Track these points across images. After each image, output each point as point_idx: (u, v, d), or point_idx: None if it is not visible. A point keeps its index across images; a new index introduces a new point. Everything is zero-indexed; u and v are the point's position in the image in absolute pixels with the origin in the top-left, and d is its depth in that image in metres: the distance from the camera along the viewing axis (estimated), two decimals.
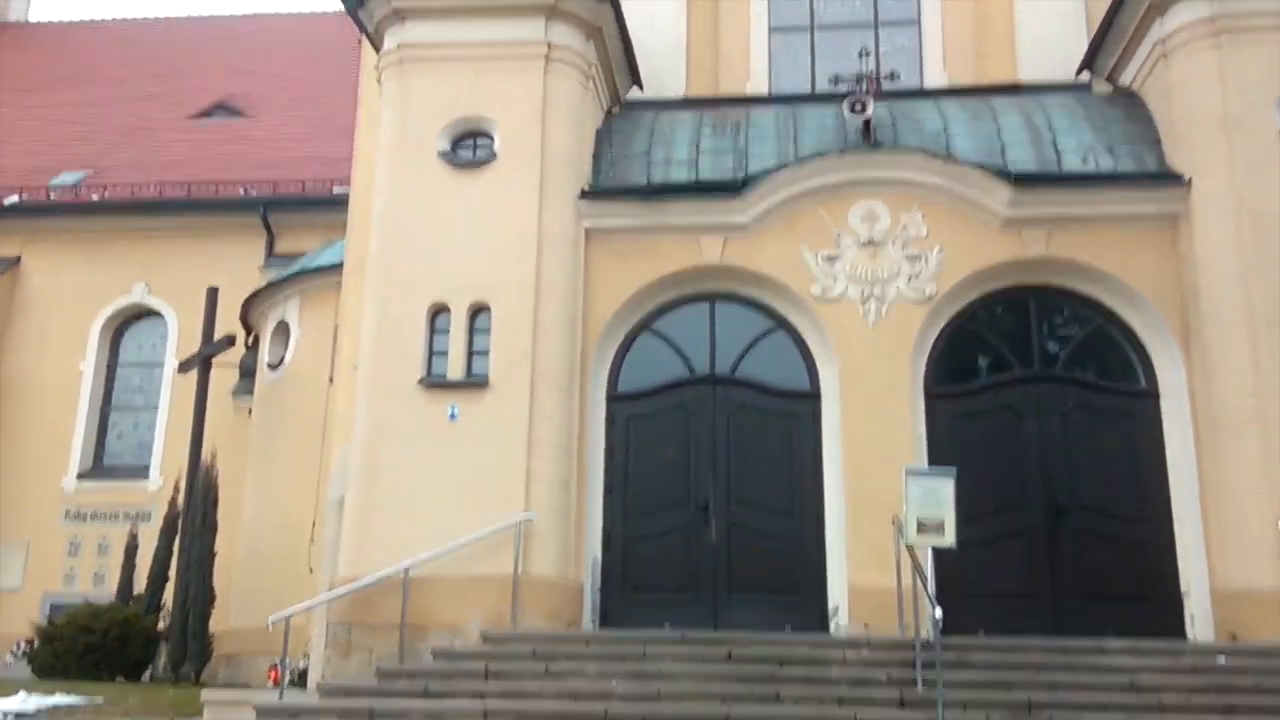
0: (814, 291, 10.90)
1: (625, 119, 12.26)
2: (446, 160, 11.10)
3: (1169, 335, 10.63)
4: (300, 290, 14.68)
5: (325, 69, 21.36)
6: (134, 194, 18.48)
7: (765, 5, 13.58)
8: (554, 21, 11.25)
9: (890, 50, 13.39)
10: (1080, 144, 11.24)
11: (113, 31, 25.48)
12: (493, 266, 10.74)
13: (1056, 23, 12.67)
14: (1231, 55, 10.53)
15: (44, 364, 17.90)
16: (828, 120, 11.69)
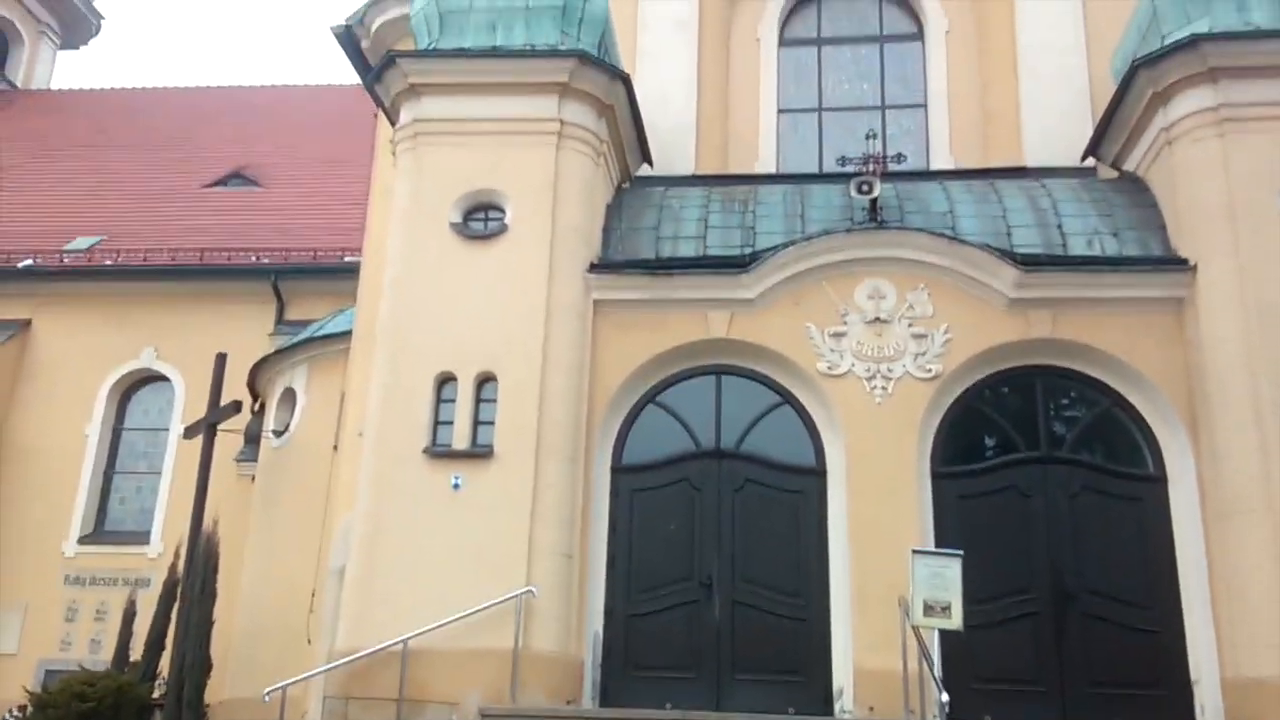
0: (820, 367, 10.93)
1: (635, 194, 12.42)
2: (458, 231, 11.22)
3: (1176, 420, 10.60)
4: (308, 357, 14.74)
5: (340, 140, 21.73)
6: (146, 259, 18.68)
7: (774, 87, 13.84)
8: (567, 100, 11.45)
9: (897, 133, 13.61)
10: (1086, 228, 11.33)
11: (132, 99, 25.96)
12: (501, 337, 10.79)
13: (1061, 108, 12.86)
14: (1235, 144, 10.64)
15: (50, 427, 17.94)
16: (834, 199, 11.83)
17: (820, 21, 14.32)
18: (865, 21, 14.30)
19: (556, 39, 11.59)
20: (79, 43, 30.63)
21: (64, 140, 23.82)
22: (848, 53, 14.19)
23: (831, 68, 14.10)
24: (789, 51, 14.15)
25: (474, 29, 11.76)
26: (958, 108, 13.46)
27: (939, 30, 13.84)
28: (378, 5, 14.28)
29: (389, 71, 11.71)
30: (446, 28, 11.83)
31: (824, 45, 14.22)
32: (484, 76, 11.50)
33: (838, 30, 14.28)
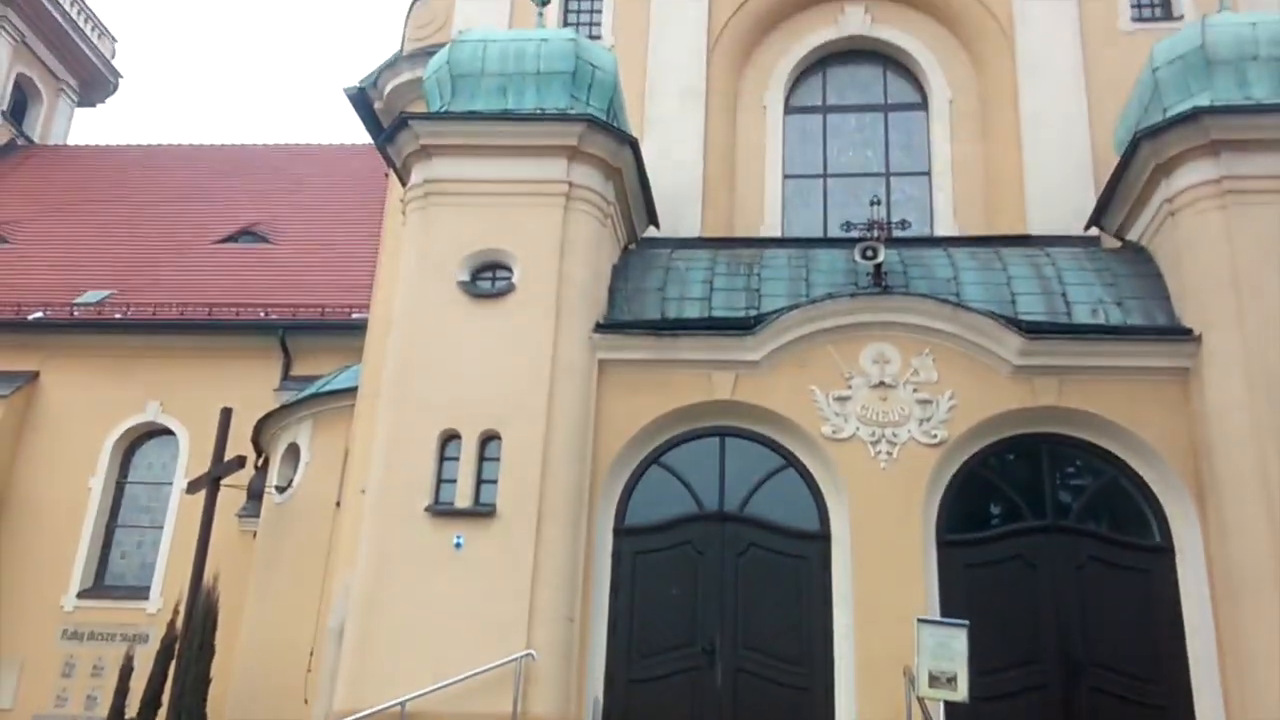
0: (825, 431, 10.91)
1: (641, 255, 12.51)
2: (466, 290, 11.29)
3: (1183, 491, 10.53)
4: (313, 414, 14.75)
5: (351, 199, 21.98)
6: (155, 314, 18.79)
7: (780, 153, 14.02)
8: (576, 162, 11.58)
9: (901, 199, 13.76)
10: (1090, 297, 11.37)
11: (147, 156, 26.28)
12: (506, 395, 10.80)
13: (1064, 178, 13.00)
14: (1238, 216, 10.69)
15: (54, 479, 17.92)
16: (839, 264, 11.90)
17: (825, 90, 14.56)
18: (869, 91, 14.53)
19: (566, 103, 11.76)
20: (97, 100, 31.10)
21: (79, 195, 24.10)
22: (852, 120, 14.40)
23: (836, 135, 14.30)
24: (795, 119, 14.35)
25: (486, 93, 11.94)
26: (961, 176, 13.61)
27: (942, 100, 14.04)
28: (392, 68, 14.54)
29: (401, 133, 11.87)
30: (459, 91, 12.02)
31: (829, 113, 14.44)
32: (495, 139, 11.65)
33: (843, 99, 14.51)
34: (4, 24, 26.87)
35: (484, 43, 12.20)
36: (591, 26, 14.58)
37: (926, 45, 14.28)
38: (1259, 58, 11.23)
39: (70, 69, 29.46)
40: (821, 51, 14.52)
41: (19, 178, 25.28)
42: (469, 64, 12.04)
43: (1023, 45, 13.76)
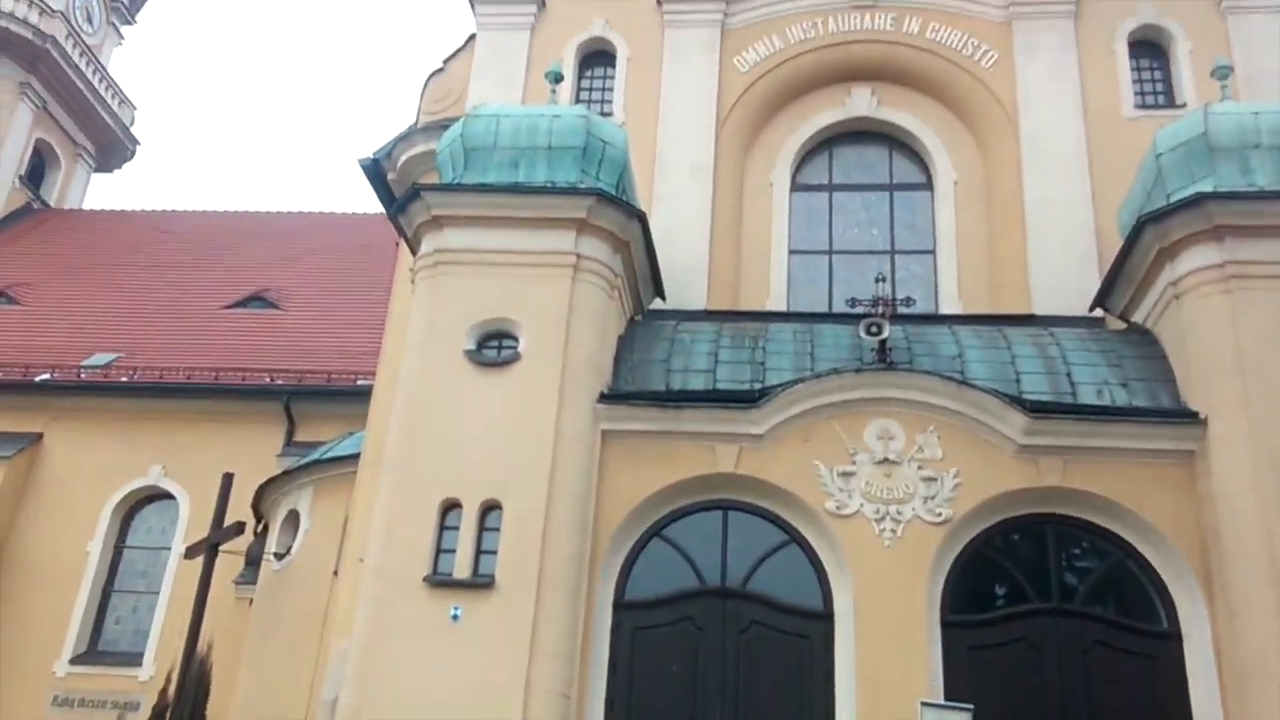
0: (829, 507, 10.83)
1: (647, 327, 12.57)
2: (471, 359, 11.32)
3: (1190, 576, 10.40)
4: (314, 480, 14.71)
5: (360, 267, 22.22)
6: (162, 377, 18.88)
7: (786, 229, 14.18)
8: (584, 235, 11.69)
9: (906, 277, 13.87)
10: (1095, 377, 11.37)
11: (160, 221, 26.65)
12: (508, 465, 10.76)
13: (1068, 259, 13.10)
14: (1243, 300, 10.73)
15: (53, 542, 17.84)
16: (844, 339, 11.94)
17: (831, 169, 14.78)
18: (875, 170, 14.74)
19: (577, 177, 11.92)
20: (114, 166, 31.62)
21: (92, 259, 24.38)
22: (858, 199, 14.59)
23: (842, 212, 14.48)
24: (801, 196, 14.54)
25: (497, 166, 12.12)
26: (966, 255, 13.72)
27: (947, 181, 14.22)
28: (406, 140, 14.79)
29: (414, 203, 12.01)
30: (471, 163, 12.20)
31: (835, 191, 14.63)
32: (505, 210, 11.78)
33: (848, 177, 14.72)
34: (27, 91, 27.43)
35: (498, 117, 12.42)
36: (603, 104, 14.87)
37: (932, 127, 14.52)
38: (1261, 146, 11.36)
39: (89, 135, 30.00)
40: (828, 132, 14.77)
41: (33, 241, 25.61)
42: (482, 137, 12.24)
43: (1027, 129, 13.97)
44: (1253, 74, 13.87)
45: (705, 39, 14.91)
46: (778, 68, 14.76)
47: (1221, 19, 14.40)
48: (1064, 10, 14.60)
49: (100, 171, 31.22)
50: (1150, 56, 14.63)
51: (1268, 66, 13.94)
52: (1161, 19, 14.55)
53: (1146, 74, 14.54)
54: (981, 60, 14.51)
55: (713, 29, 14.97)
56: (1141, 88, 14.43)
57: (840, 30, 14.86)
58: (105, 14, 30.69)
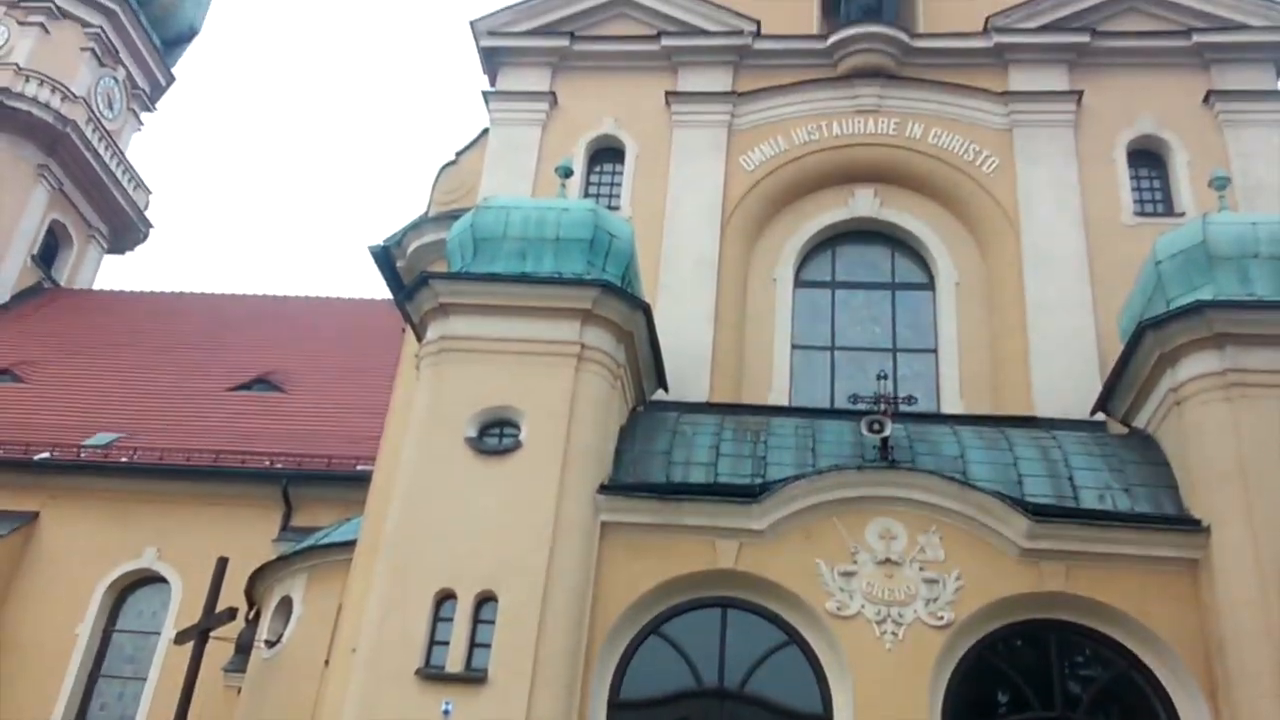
0: (829, 607, 10.68)
1: (649, 418, 12.57)
2: (473, 446, 11.30)
3: (1194, 687, 10.18)
4: (309, 566, 14.53)
5: (364, 352, 22.30)
6: (162, 458, 18.82)
7: (789, 324, 14.28)
8: (589, 325, 11.78)
9: (908, 375, 13.91)
10: (1097, 482, 11.31)
11: (168, 303, 26.86)
12: (505, 555, 10.65)
13: (1070, 362, 13.16)
14: (1244, 408, 10.73)
15: (42, 623, 17.57)
16: (846, 436, 11.92)
17: (834, 266, 14.95)
18: (878, 269, 14.91)
19: (583, 268, 12.06)
20: (126, 248, 31.99)
21: (98, 339, 24.51)
22: (860, 296, 14.73)
23: (845, 309, 14.61)
24: (804, 292, 14.68)
25: (506, 256, 12.28)
26: (968, 355, 13.79)
27: (949, 281, 14.37)
28: (416, 230, 15.02)
29: (422, 290, 12.13)
30: (480, 253, 12.36)
31: (838, 288, 14.77)
32: (512, 299, 11.89)
33: (851, 275, 14.87)
34: (45, 173, 27.91)
35: (508, 209, 12.63)
36: (611, 198, 15.13)
37: (934, 229, 14.73)
38: (1260, 256, 11.49)
39: (104, 217, 30.43)
40: (831, 231, 14.98)
41: (40, 319, 25.79)
42: (492, 228, 12.42)
43: (1028, 233, 14.16)
44: (1250, 185, 14.12)
45: (712, 138, 15.25)
46: (783, 167, 15.05)
47: (1218, 131, 14.70)
48: (1064, 120, 14.93)
49: (112, 253, 31.57)
50: (1149, 166, 14.92)
51: (1265, 179, 14.19)
52: (1160, 130, 14.87)
53: (1145, 183, 14.81)
54: (983, 165, 14.79)
55: (720, 129, 15.31)
56: (1140, 196, 14.68)
57: (844, 133, 15.18)
58: (126, 100, 31.40)
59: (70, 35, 29.11)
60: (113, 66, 30.49)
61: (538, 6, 16.24)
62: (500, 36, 16.16)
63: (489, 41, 16.17)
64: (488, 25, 16.18)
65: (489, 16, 16.18)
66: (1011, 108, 15.07)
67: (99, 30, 29.58)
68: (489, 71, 16.36)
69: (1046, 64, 15.35)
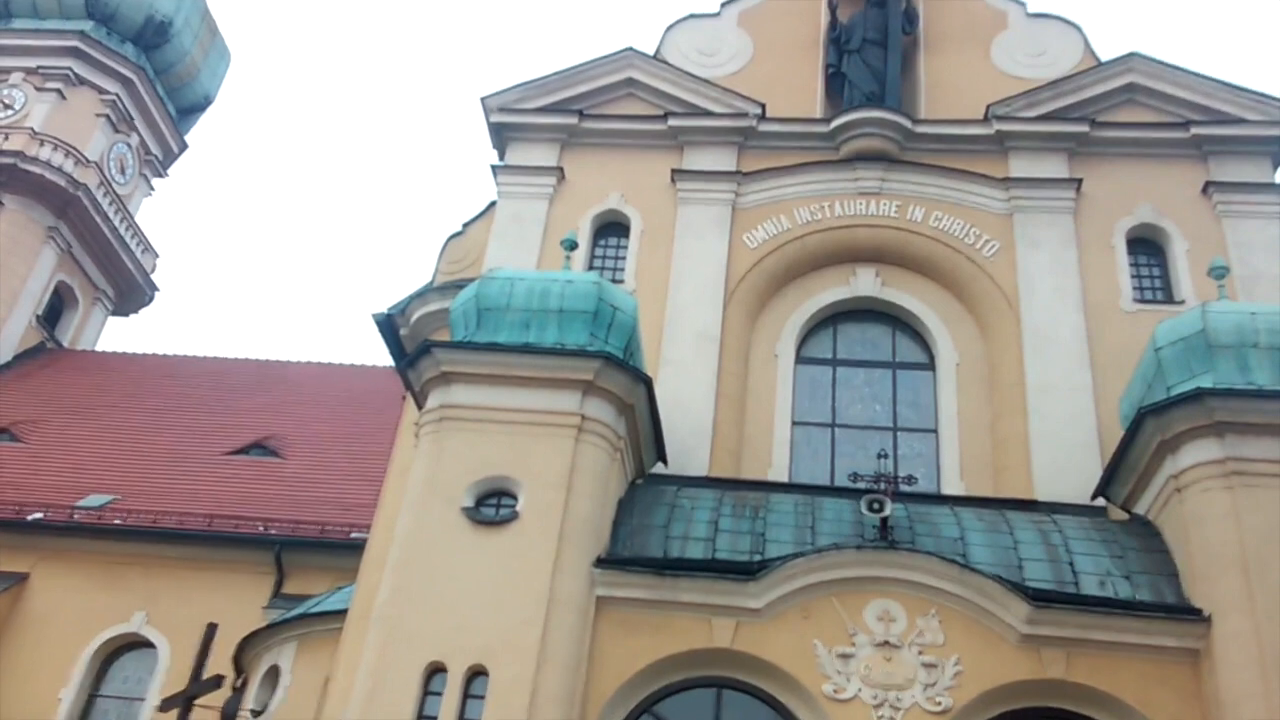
0: (826, 690, 10.50)
1: (648, 491, 12.51)
2: (469, 516, 11.23)
3: None
4: (299, 635, 14.32)
5: (363, 419, 22.26)
6: (155, 521, 18.65)
7: (790, 400, 14.30)
8: (590, 396, 11.79)
9: (909, 454, 13.89)
10: (1098, 568, 11.22)
11: (169, 365, 26.85)
12: (498, 628, 10.52)
13: (1070, 446, 13.15)
14: (1245, 497, 10.69)
15: (26, 688, 17.24)
16: (845, 514, 11.85)
17: (836, 344, 15.03)
18: (879, 347, 14.98)
19: (585, 340, 12.12)
20: (130, 311, 32.11)
21: (97, 400, 24.47)
22: (861, 374, 14.77)
23: (845, 387, 14.63)
24: (805, 369, 14.72)
25: (509, 326, 12.34)
26: (968, 436, 13.79)
27: (949, 362, 14.42)
28: (421, 298, 15.11)
29: (424, 359, 12.17)
30: (484, 323, 12.42)
31: (839, 366, 14.82)
32: (514, 369, 11.92)
33: (852, 353, 14.94)
34: (54, 235, 28.15)
35: (512, 280, 12.74)
36: (615, 271, 15.26)
37: (934, 310, 14.84)
38: (1259, 345, 11.54)
39: (110, 280, 30.59)
40: (833, 309, 15.09)
41: (41, 379, 25.78)
42: (496, 298, 12.51)
43: (1028, 317, 14.25)
44: (1248, 275, 14.24)
45: (716, 216, 15.43)
46: (785, 245, 15.21)
47: (1217, 221, 14.89)
48: (1063, 206, 15.13)
49: (117, 315, 31.68)
50: (1148, 253, 15.07)
51: (1263, 269, 14.33)
52: (1159, 219, 15.05)
53: (1145, 270, 14.95)
54: (983, 249, 14.94)
55: (724, 207, 15.51)
56: (1140, 283, 14.80)
57: (846, 214, 15.37)
58: (138, 166, 31.81)
59: (86, 101, 29.60)
60: (127, 133, 30.95)
61: (548, 85, 16.57)
62: (510, 113, 16.46)
63: (499, 117, 16.46)
64: (498, 101, 16.48)
65: (500, 93, 16.49)
66: (1012, 193, 15.28)
67: (115, 97, 30.08)
68: (498, 146, 16.63)
69: (1046, 151, 15.61)
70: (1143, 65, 15.96)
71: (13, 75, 29.28)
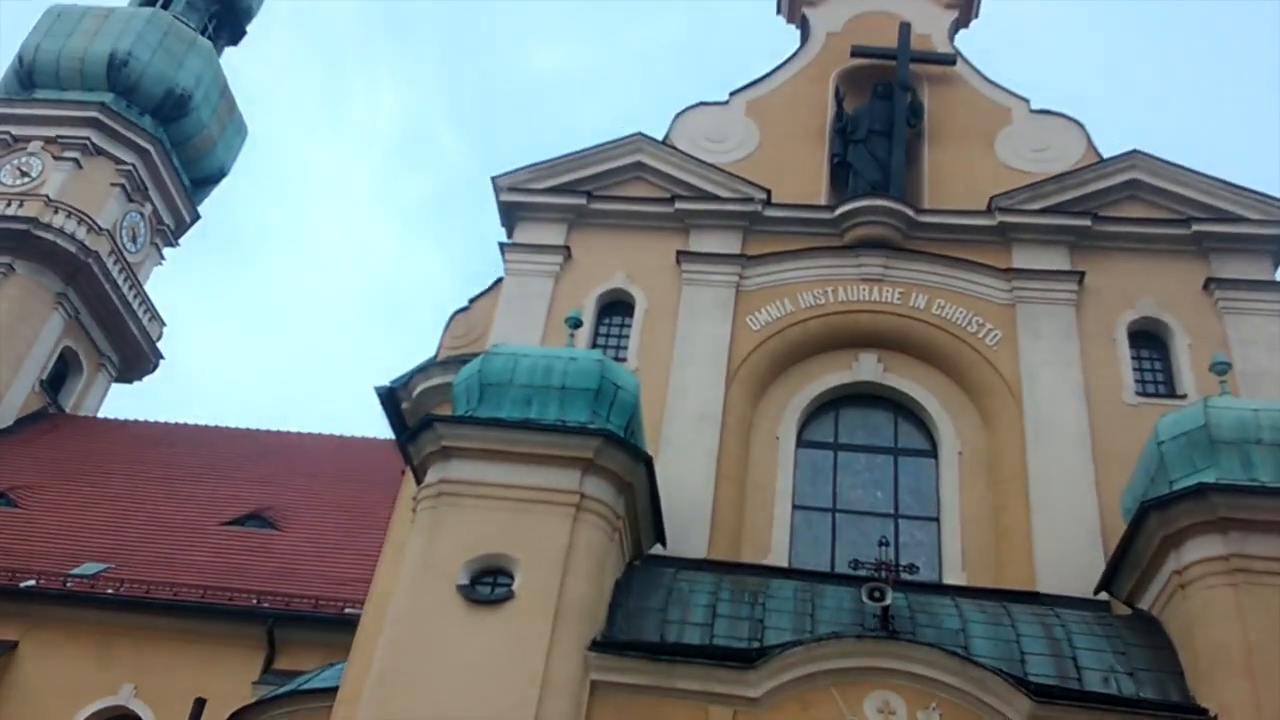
0: None
1: (646, 573, 12.37)
2: (464, 594, 11.10)
3: None
4: (288, 713, 14.10)
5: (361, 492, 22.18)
6: (148, 592, 18.49)
7: (790, 484, 14.20)
8: (590, 475, 11.73)
9: (910, 543, 13.76)
10: (1101, 664, 11.02)
11: (169, 433, 26.84)
12: (490, 712, 10.32)
13: (1073, 538, 13.03)
14: (1250, 595, 10.56)
15: None
16: (846, 602, 11.71)
17: (837, 428, 14.97)
18: (880, 433, 14.92)
19: (587, 417, 12.10)
20: (134, 378, 32.21)
21: (95, 467, 24.42)
22: (863, 459, 14.70)
23: (847, 472, 14.56)
24: (806, 452, 14.65)
25: (511, 402, 12.34)
26: (970, 525, 13.68)
27: (951, 450, 14.37)
28: (424, 372, 15.14)
29: (425, 433, 12.15)
30: (486, 398, 12.43)
31: (840, 450, 14.76)
32: (514, 445, 11.87)
33: (854, 438, 14.88)
34: (62, 301, 28.36)
35: (516, 356, 12.78)
36: (618, 349, 15.30)
37: (936, 397, 14.82)
38: (1262, 442, 11.49)
39: (116, 347, 30.73)
40: (835, 393, 15.06)
41: (41, 445, 25.77)
42: (499, 374, 12.54)
43: (1030, 407, 14.23)
44: (1250, 371, 14.25)
45: (720, 297, 15.52)
46: (788, 329, 15.27)
47: (1218, 317, 14.94)
48: (1066, 298, 15.22)
49: (121, 382, 31.76)
50: (1150, 347, 15.10)
51: (1265, 366, 14.34)
52: (1161, 313, 15.12)
53: (1147, 363, 14.96)
54: (985, 338, 15.00)
55: (728, 289, 15.61)
56: (1142, 376, 14.81)
57: (849, 299, 15.46)
58: (150, 235, 32.16)
59: (102, 171, 30.04)
60: (140, 202, 31.36)
61: (557, 167, 16.82)
62: (520, 192, 16.68)
63: (509, 196, 16.68)
64: (509, 181, 16.72)
65: (511, 173, 16.73)
66: (1014, 284, 15.38)
67: (131, 167, 30.54)
68: (507, 224, 16.82)
69: (1049, 244, 15.74)
70: (1144, 162, 16.18)
71: (32, 144, 29.79)
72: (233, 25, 36.31)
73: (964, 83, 17.93)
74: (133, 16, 32.41)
